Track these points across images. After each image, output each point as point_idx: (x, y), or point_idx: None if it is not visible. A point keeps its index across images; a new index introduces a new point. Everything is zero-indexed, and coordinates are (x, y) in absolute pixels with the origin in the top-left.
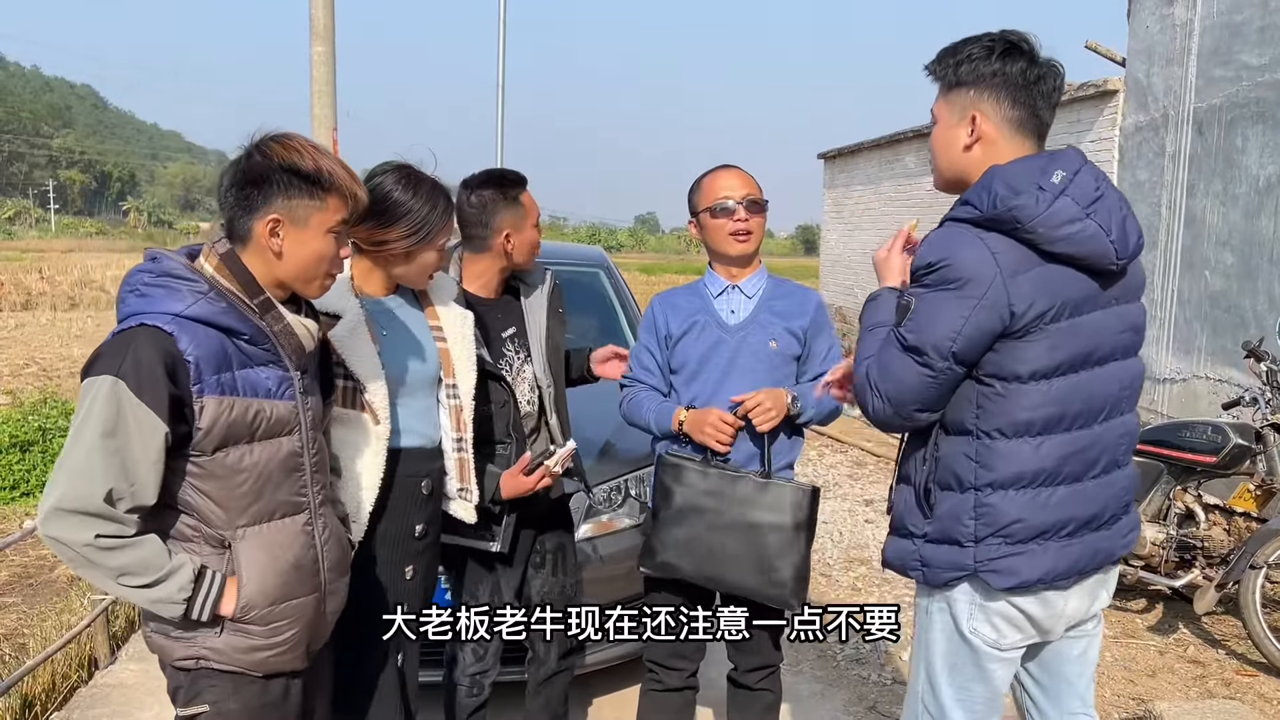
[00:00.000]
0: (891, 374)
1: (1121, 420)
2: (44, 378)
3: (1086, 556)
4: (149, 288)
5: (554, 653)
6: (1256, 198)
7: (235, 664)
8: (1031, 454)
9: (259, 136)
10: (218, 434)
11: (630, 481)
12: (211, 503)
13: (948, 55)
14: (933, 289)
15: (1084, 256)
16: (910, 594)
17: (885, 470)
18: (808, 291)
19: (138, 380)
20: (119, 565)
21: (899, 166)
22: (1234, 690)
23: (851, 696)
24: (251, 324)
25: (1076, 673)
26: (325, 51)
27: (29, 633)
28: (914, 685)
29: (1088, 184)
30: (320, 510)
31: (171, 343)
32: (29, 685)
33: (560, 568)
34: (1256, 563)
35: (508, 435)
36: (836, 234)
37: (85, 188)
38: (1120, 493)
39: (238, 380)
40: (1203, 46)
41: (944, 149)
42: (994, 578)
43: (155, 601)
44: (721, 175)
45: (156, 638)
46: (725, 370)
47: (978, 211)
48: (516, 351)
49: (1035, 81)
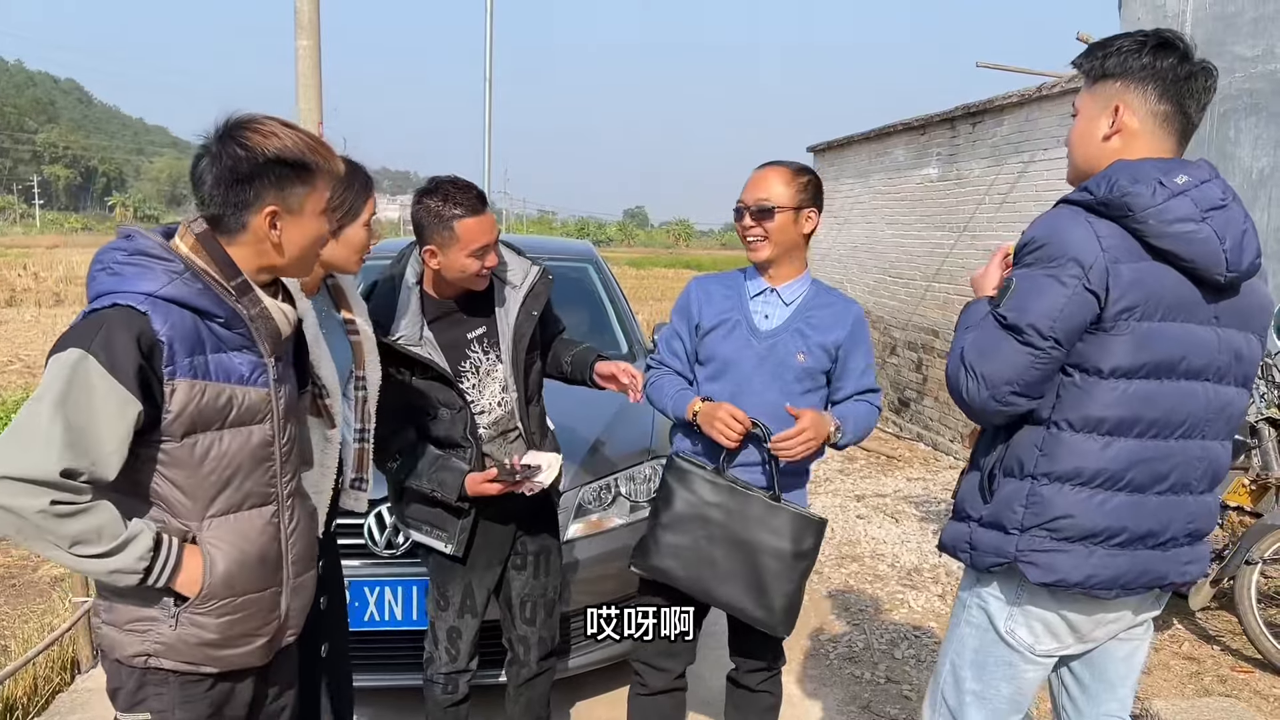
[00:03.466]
0: (989, 354)
1: (1203, 444)
2: (28, 374)
3: (1134, 572)
4: (122, 265)
5: (534, 655)
6: (1250, 190)
7: (187, 659)
8: (1096, 452)
9: (228, 125)
10: (186, 418)
11: (620, 480)
12: (179, 491)
13: (1097, 48)
14: (1035, 267)
15: (1192, 259)
16: (904, 590)
17: (876, 466)
18: (849, 304)
19: (110, 357)
20: (73, 533)
21: (888, 160)
22: (1230, 687)
23: (845, 696)
24: (227, 307)
25: (1120, 675)
26: (310, 45)
27: (10, 635)
28: (937, 676)
29: (1213, 193)
30: (289, 502)
31: (145, 322)
32: (10, 689)
33: (543, 570)
34: (1252, 558)
35: (465, 439)
36: (826, 227)
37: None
38: (1189, 518)
39: (210, 364)
40: (1194, 38)
41: (1082, 140)
42: (1032, 570)
43: (112, 572)
44: (752, 175)
45: (107, 630)
46: (748, 377)
47: (1091, 196)
48: (485, 352)
49: (1186, 78)
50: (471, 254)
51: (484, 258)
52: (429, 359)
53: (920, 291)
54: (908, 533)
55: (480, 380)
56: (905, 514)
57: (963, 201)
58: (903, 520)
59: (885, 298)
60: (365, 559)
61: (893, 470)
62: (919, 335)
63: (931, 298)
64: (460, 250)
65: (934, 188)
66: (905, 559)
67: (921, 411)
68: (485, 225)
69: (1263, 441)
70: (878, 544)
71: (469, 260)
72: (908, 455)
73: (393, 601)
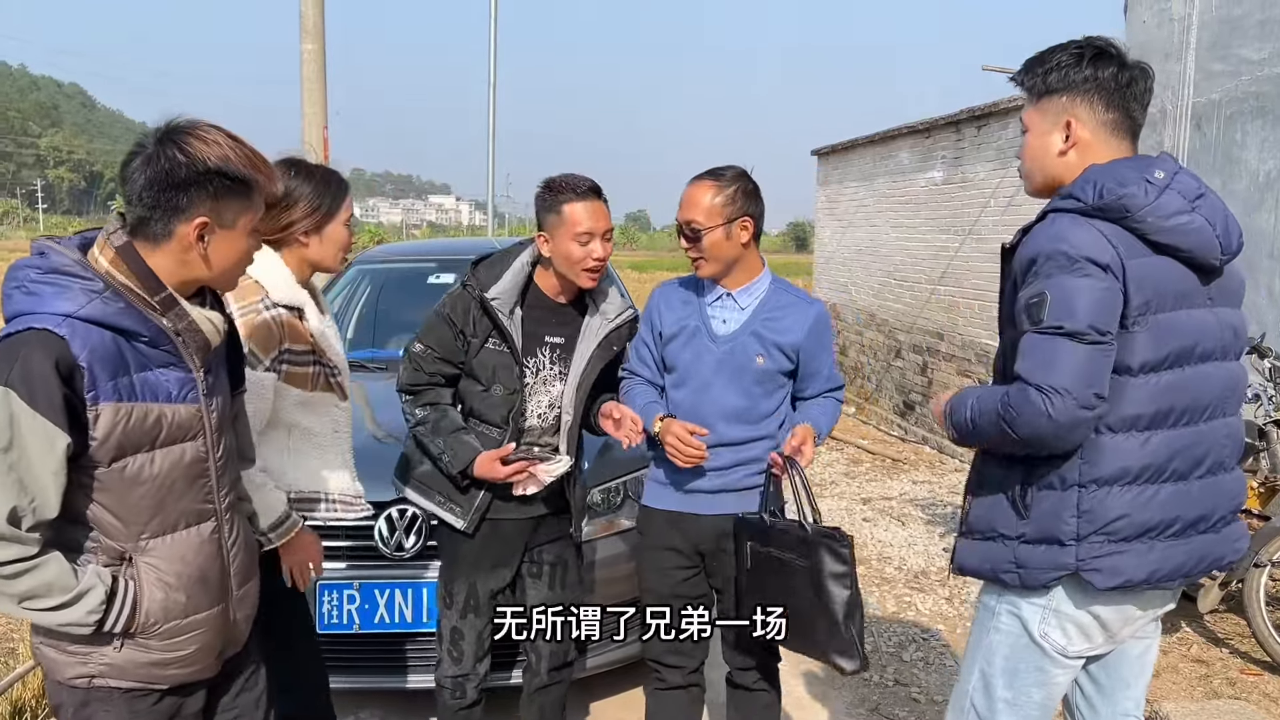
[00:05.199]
0: (1059, 367)
1: (1225, 421)
2: None
3: (1194, 559)
4: (36, 285)
5: (544, 665)
6: (1256, 193)
7: (134, 679)
8: (1138, 449)
9: (169, 127)
10: (114, 443)
11: (629, 484)
12: (111, 515)
13: (1035, 65)
14: (1057, 275)
15: (1190, 249)
16: (911, 593)
17: (881, 469)
18: (810, 305)
19: (29, 389)
20: (23, 590)
21: (893, 163)
22: (1239, 690)
23: (854, 699)
24: (151, 324)
25: (1135, 674)
26: (315, 49)
27: (19, 638)
28: (964, 684)
29: (1190, 182)
30: (227, 515)
31: (64, 346)
32: (19, 691)
33: (559, 582)
34: (1260, 560)
35: (505, 422)
36: (830, 230)
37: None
38: (1228, 496)
39: (136, 384)
40: (1200, 41)
41: (1037, 156)
42: (1098, 577)
43: (64, 624)
44: (684, 192)
45: (47, 650)
46: (708, 381)
47: (1082, 203)
48: (553, 363)
49: (1128, 84)
50: (577, 238)
51: (590, 246)
52: (508, 329)
53: (925, 294)
54: (914, 535)
55: (535, 385)
56: (912, 517)
57: (968, 205)
58: (909, 523)
59: (890, 301)
60: (376, 561)
61: (898, 473)
62: (924, 338)
63: (937, 301)
64: (567, 234)
65: (939, 191)
66: (912, 562)
67: (927, 414)
68: (593, 211)
69: (1271, 444)
70: (884, 547)
71: (574, 245)
72: (913, 458)
73: (403, 604)
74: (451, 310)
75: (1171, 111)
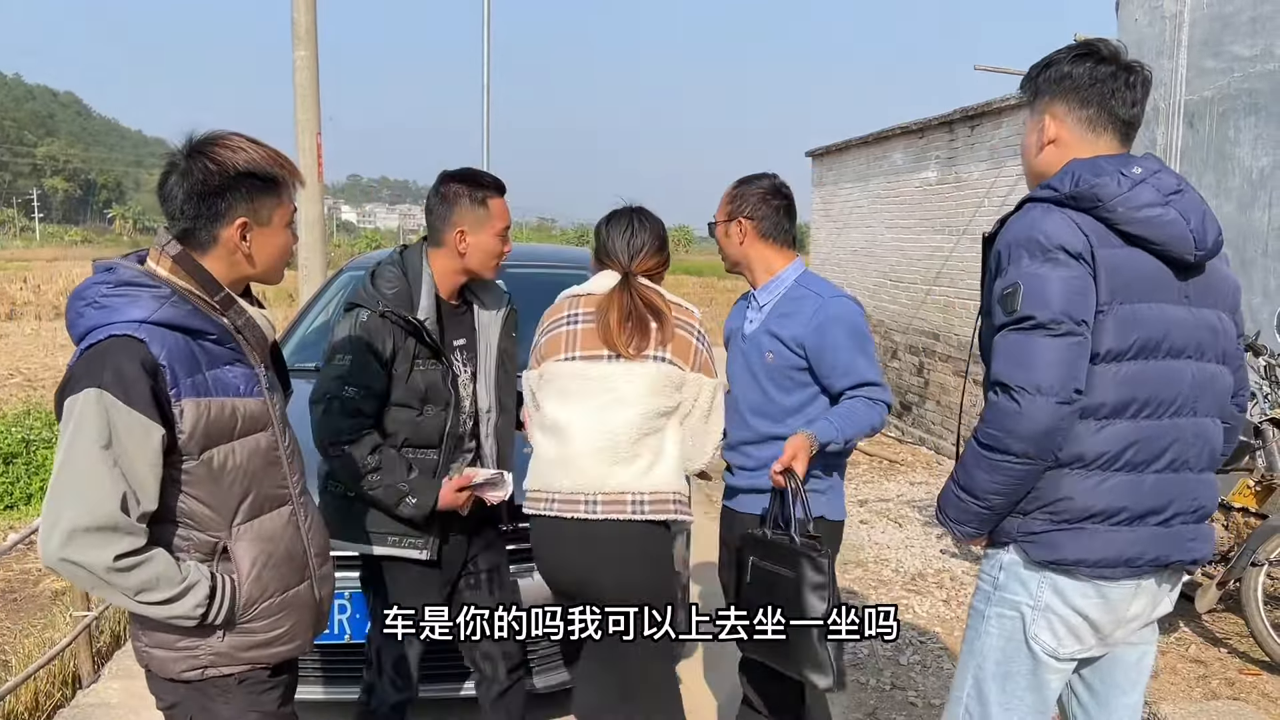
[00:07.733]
0: (1031, 363)
1: (1195, 421)
2: (28, 388)
3: (1136, 550)
4: (108, 298)
5: (501, 669)
6: (1250, 190)
7: (243, 662)
8: (1090, 436)
9: (195, 142)
10: (200, 436)
11: None
12: (205, 507)
13: (1034, 70)
14: (1030, 264)
15: (1162, 242)
16: (908, 595)
17: (878, 470)
18: (820, 300)
19: (123, 389)
20: (137, 583)
21: (887, 164)
22: (1237, 690)
23: (850, 703)
24: (216, 323)
25: (1131, 681)
26: (307, 56)
27: (11, 649)
28: (959, 689)
29: (1169, 180)
30: (301, 499)
31: (144, 349)
32: (11, 704)
33: (497, 586)
34: (1258, 559)
35: (439, 442)
36: (825, 232)
37: (70, 195)
38: (1189, 497)
39: (209, 381)
40: (1193, 38)
41: (1027, 154)
42: (1032, 549)
43: (173, 617)
44: None
45: (156, 652)
46: (737, 381)
47: (1056, 193)
48: (463, 364)
49: (1104, 79)
50: (500, 234)
51: (507, 240)
52: (440, 346)
53: (921, 295)
54: (911, 537)
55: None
56: (908, 519)
57: (962, 205)
58: (906, 525)
59: (886, 301)
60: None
61: (895, 475)
62: (920, 339)
63: (932, 301)
64: (492, 229)
65: (933, 191)
66: (909, 564)
67: (924, 415)
68: (506, 207)
69: (1267, 443)
70: (881, 549)
71: (497, 240)
72: (910, 460)
73: None
74: (372, 342)
75: (1164, 109)
